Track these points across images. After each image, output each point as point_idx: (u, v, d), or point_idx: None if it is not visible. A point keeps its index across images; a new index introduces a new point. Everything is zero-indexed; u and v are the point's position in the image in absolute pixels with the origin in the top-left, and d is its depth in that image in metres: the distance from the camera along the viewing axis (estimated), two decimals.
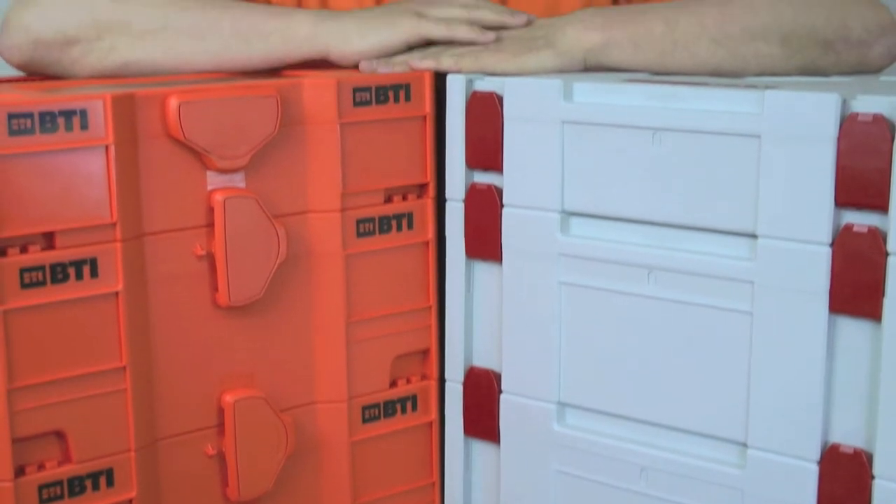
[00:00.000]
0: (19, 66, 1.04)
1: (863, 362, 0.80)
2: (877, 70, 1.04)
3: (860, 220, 0.78)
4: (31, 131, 0.78)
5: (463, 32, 1.01)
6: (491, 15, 1.04)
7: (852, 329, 0.80)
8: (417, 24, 1.01)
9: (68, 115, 0.80)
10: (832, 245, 0.79)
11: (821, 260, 0.79)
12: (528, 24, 1.05)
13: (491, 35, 1.02)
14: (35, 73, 1.04)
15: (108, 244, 0.82)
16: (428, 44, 1.03)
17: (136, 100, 0.84)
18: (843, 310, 0.79)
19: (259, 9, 1.05)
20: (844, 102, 0.78)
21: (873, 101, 0.77)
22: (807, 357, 0.81)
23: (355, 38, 1.01)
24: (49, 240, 0.81)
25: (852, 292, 0.78)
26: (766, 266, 0.81)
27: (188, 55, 1.02)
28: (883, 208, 0.77)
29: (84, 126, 0.80)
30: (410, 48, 1.02)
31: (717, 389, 0.85)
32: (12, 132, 0.78)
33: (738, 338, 0.83)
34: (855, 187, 0.78)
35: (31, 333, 0.80)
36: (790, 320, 0.81)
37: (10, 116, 0.78)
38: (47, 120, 0.79)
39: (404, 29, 1.01)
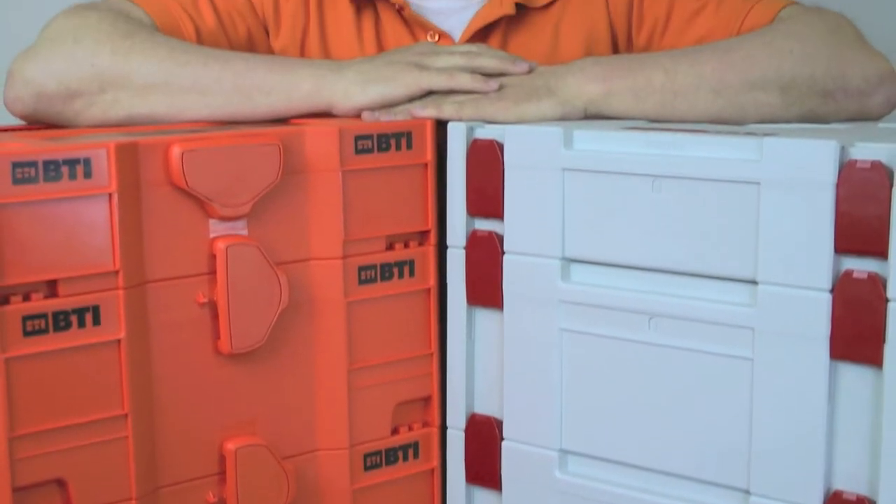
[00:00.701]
0: (23, 118, 1.05)
1: (865, 408, 0.80)
2: (876, 118, 1.05)
3: (860, 266, 0.78)
4: (34, 180, 0.79)
5: (465, 82, 1.02)
6: (492, 63, 1.05)
7: (853, 375, 0.80)
8: (419, 76, 1.02)
9: (72, 163, 0.80)
10: (832, 291, 0.79)
11: (821, 306, 0.79)
12: (530, 71, 1.05)
13: (493, 84, 1.02)
14: (39, 125, 1.05)
15: (110, 292, 0.83)
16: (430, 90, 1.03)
17: (139, 148, 0.84)
18: (844, 356, 0.79)
19: (261, 62, 1.05)
20: (843, 149, 0.79)
21: (872, 149, 0.78)
22: (808, 403, 0.81)
23: (357, 93, 1.01)
24: (52, 287, 0.81)
25: (853, 338, 0.79)
26: (766, 312, 0.82)
27: (190, 110, 1.02)
28: (882, 254, 0.77)
29: (87, 174, 0.81)
30: (412, 99, 1.02)
31: (718, 436, 0.85)
32: (16, 181, 0.78)
33: (739, 384, 0.83)
34: (854, 234, 0.78)
35: (33, 381, 0.80)
36: (791, 366, 0.81)
37: (15, 165, 0.78)
38: (51, 168, 0.79)
39: (406, 83, 1.01)
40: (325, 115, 1.02)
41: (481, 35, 1.19)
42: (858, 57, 1.05)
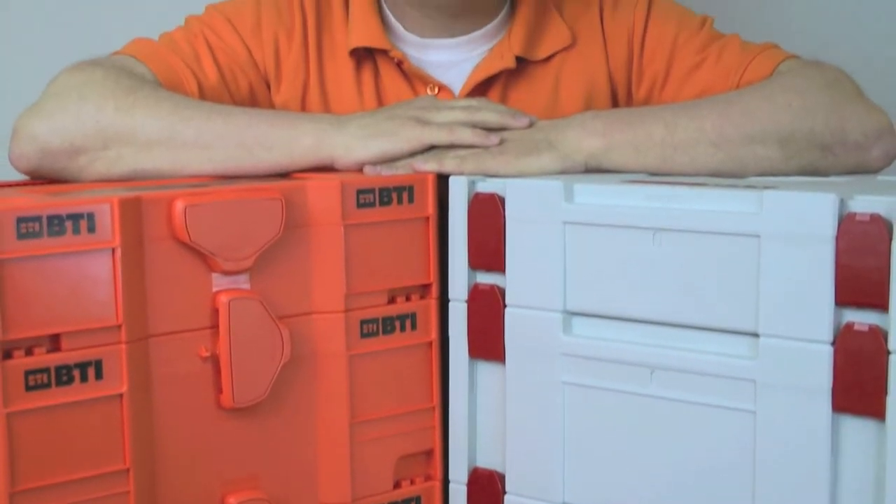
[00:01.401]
0: (27, 174, 1.06)
1: (868, 461, 0.79)
2: (875, 172, 1.05)
3: (861, 318, 0.78)
4: (38, 235, 0.79)
5: (466, 136, 1.03)
6: (493, 117, 1.06)
7: (856, 428, 0.80)
8: (421, 132, 1.02)
9: (76, 218, 0.81)
10: (834, 343, 0.79)
11: (822, 359, 0.79)
12: (530, 126, 1.06)
13: (494, 138, 1.03)
14: (43, 180, 1.06)
15: (113, 346, 0.83)
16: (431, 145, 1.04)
17: (142, 203, 0.85)
18: (847, 409, 0.79)
19: (263, 118, 1.06)
20: (842, 202, 0.79)
21: (871, 201, 0.78)
22: (811, 456, 0.80)
23: (359, 147, 1.02)
24: (54, 342, 0.81)
25: (855, 391, 0.78)
26: (768, 365, 0.82)
27: (194, 165, 1.03)
28: (883, 307, 0.77)
29: (91, 229, 0.81)
30: (413, 154, 1.03)
31: (721, 488, 0.85)
32: (20, 235, 0.79)
33: (741, 436, 0.83)
34: (855, 286, 0.78)
35: (35, 436, 0.80)
36: (793, 419, 0.81)
37: (19, 220, 0.79)
38: (55, 223, 0.80)
39: (408, 138, 1.02)
40: (326, 169, 1.03)
41: (481, 88, 1.20)
42: (857, 111, 1.05)
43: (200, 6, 1.23)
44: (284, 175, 1.02)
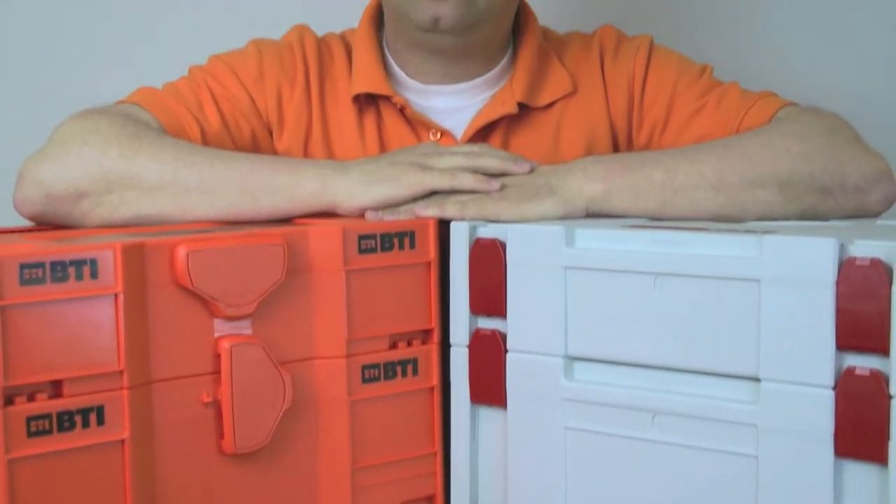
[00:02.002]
0: (31, 219, 1.06)
1: None
2: (875, 215, 1.06)
3: (862, 363, 0.79)
4: (41, 281, 0.80)
5: (467, 182, 1.03)
6: (494, 163, 1.06)
7: (859, 473, 0.79)
8: (422, 178, 1.03)
9: (79, 264, 0.81)
10: (835, 388, 0.79)
11: (824, 403, 0.79)
12: (531, 171, 1.06)
13: (496, 184, 1.03)
14: (46, 225, 1.06)
15: (115, 392, 0.83)
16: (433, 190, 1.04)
17: (145, 249, 0.85)
18: (849, 454, 0.79)
19: (266, 163, 1.06)
20: (842, 247, 0.79)
21: (871, 246, 0.79)
22: (813, 501, 0.80)
23: (360, 193, 1.02)
24: (56, 388, 0.81)
25: (857, 436, 0.78)
26: (769, 409, 0.82)
27: (196, 210, 1.04)
28: (884, 351, 0.77)
29: (94, 275, 0.81)
30: (415, 199, 1.03)
31: None
32: (24, 282, 0.79)
33: (743, 481, 0.83)
34: (855, 331, 0.78)
35: (37, 482, 0.80)
36: (796, 464, 0.81)
37: (23, 266, 0.79)
38: (58, 269, 0.80)
39: (409, 184, 1.02)
40: (328, 214, 1.03)
41: (483, 133, 1.21)
42: (856, 155, 1.06)
43: (202, 56, 1.25)
44: (286, 220, 1.03)
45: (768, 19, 1.68)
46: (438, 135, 1.21)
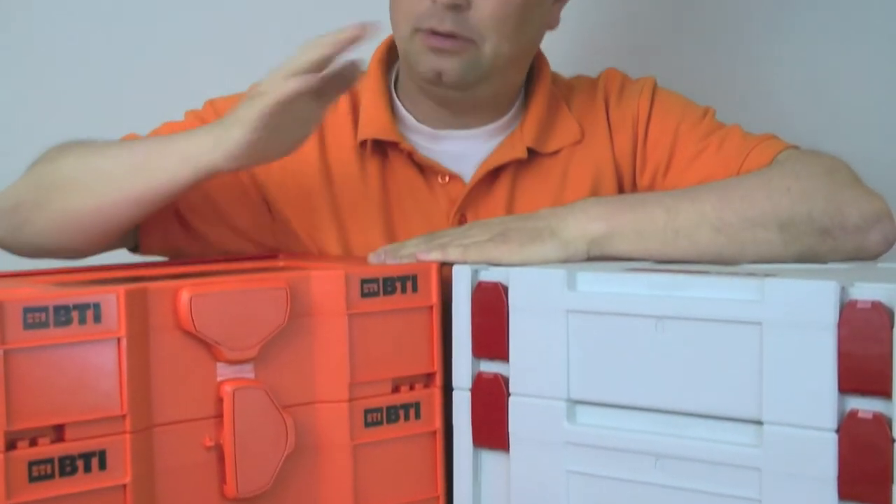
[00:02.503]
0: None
1: None
2: (874, 256, 1.06)
3: (865, 405, 0.79)
4: (45, 325, 0.80)
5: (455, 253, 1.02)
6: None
7: None
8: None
9: (82, 308, 0.81)
10: (838, 431, 0.79)
11: (827, 446, 0.79)
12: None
13: (497, 228, 1.04)
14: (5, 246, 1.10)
15: (117, 436, 0.83)
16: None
17: (148, 293, 0.85)
18: (853, 497, 0.79)
19: (163, 139, 1.08)
20: (843, 290, 0.79)
21: (872, 289, 0.79)
22: None
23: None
24: (59, 432, 0.81)
25: (860, 479, 0.78)
26: (772, 453, 0.81)
27: (107, 197, 1.05)
28: (887, 394, 0.77)
29: (97, 319, 0.82)
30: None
31: None
32: (27, 326, 0.79)
33: None
34: (858, 374, 0.78)
35: None
36: None
37: (26, 311, 0.79)
38: (61, 313, 0.80)
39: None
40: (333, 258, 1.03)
41: (491, 177, 1.21)
42: (855, 195, 1.06)
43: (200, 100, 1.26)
44: (283, 264, 1.02)
45: (770, 62, 1.69)
46: (447, 179, 1.21)
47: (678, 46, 1.71)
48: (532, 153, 1.22)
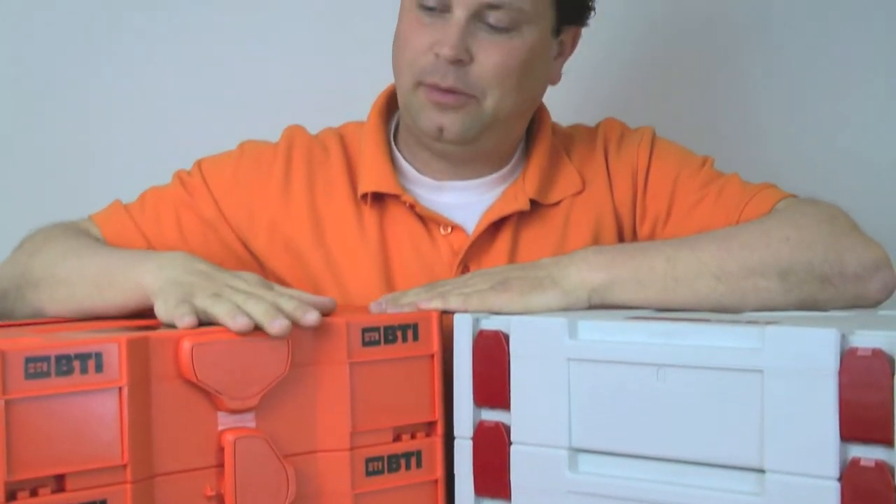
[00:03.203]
0: None
1: None
2: (874, 304, 1.06)
3: (867, 454, 0.78)
4: (46, 374, 0.80)
5: (456, 303, 1.02)
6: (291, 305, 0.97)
7: None
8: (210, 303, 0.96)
9: (84, 358, 0.81)
10: (840, 479, 0.79)
11: (830, 495, 0.79)
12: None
13: (498, 277, 1.04)
14: None
15: (118, 486, 0.82)
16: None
17: (150, 342, 0.85)
18: None
19: (118, 256, 1.07)
20: (844, 337, 0.80)
21: (872, 336, 0.79)
22: None
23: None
24: (59, 482, 0.81)
25: None
26: (774, 501, 0.81)
27: (62, 303, 1.06)
28: (888, 442, 0.77)
29: (99, 368, 0.82)
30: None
31: None
32: (28, 376, 0.79)
33: None
34: (859, 422, 0.78)
35: None
36: None
37: (28, 360, 0.79)
38: (63, 363, 0.80)
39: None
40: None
41: (493, 227, 1.22)
42: (854, 243, 1.07)
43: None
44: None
45: (768, 111, 1.70)
46: (449, 229, 1.22)
47: (676, 95, 1.72)
48: (534, 203, 1.22)
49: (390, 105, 1.28)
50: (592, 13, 1.25)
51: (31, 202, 1.68)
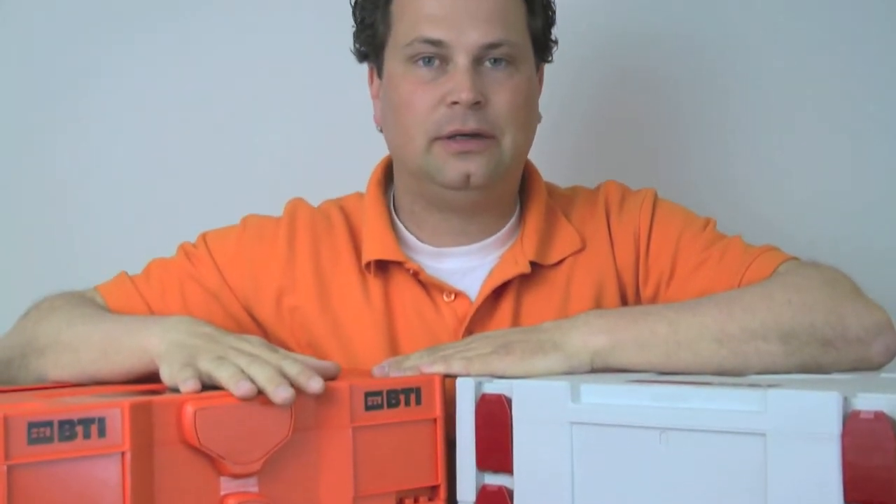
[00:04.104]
0: None
1: None
2: (877, 367, 1.06)
3: None
4: (49, 439, 0.80)
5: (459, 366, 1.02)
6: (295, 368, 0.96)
7: None
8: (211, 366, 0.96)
9: (87, 423, 0.81)
10: None
11: None
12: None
13: (500, 341, 1.04)
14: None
15: None
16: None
17: (153, 407, 0.85)
18: None
19: (126, 323, 1.08)
20: (846, 400, 0.80)
21: (874, 399, 0.79)
22: None
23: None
24: None
25: None
26: None
27: (67, 368, 1.07)
28: None
29: (101, 433, 0.82)
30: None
31: None
32: (31, 441, 0.79)
33: None
34: (863, 485, 0.78)
35: None
36: None
37: (31, 425, 0.79)
38: (66, 428, 0.80)
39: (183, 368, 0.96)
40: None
41: (496, 292, 1.22)
42: (856, 307, 1.07)
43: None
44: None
45: (770, 171, 1.71)
46: (453, 296, 1.22)
47: (677, 156, 1.73)
48: (534, 265, 1.23)
49: (387, 176, 1.29)
50: (555, 47, 1.28)
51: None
